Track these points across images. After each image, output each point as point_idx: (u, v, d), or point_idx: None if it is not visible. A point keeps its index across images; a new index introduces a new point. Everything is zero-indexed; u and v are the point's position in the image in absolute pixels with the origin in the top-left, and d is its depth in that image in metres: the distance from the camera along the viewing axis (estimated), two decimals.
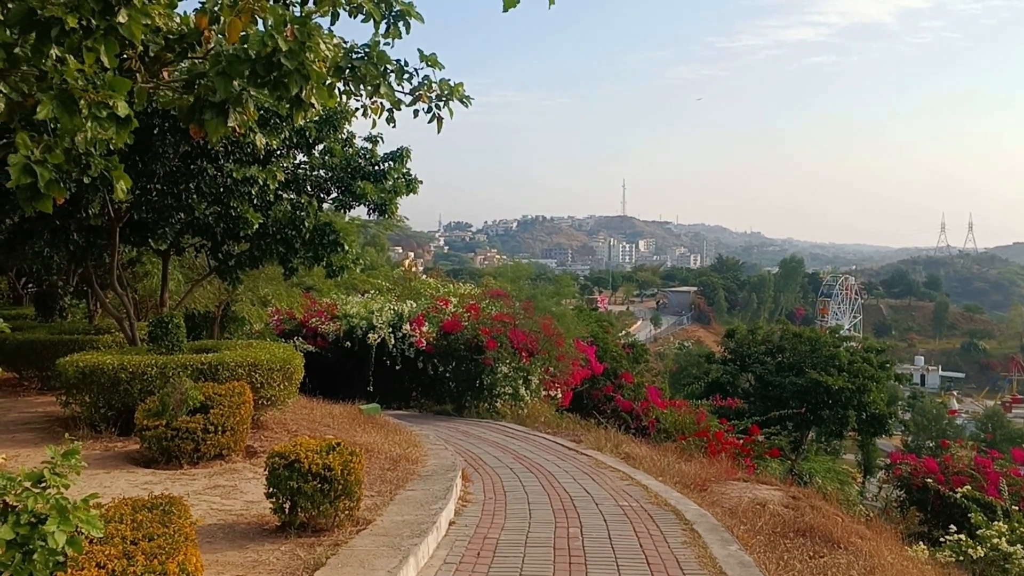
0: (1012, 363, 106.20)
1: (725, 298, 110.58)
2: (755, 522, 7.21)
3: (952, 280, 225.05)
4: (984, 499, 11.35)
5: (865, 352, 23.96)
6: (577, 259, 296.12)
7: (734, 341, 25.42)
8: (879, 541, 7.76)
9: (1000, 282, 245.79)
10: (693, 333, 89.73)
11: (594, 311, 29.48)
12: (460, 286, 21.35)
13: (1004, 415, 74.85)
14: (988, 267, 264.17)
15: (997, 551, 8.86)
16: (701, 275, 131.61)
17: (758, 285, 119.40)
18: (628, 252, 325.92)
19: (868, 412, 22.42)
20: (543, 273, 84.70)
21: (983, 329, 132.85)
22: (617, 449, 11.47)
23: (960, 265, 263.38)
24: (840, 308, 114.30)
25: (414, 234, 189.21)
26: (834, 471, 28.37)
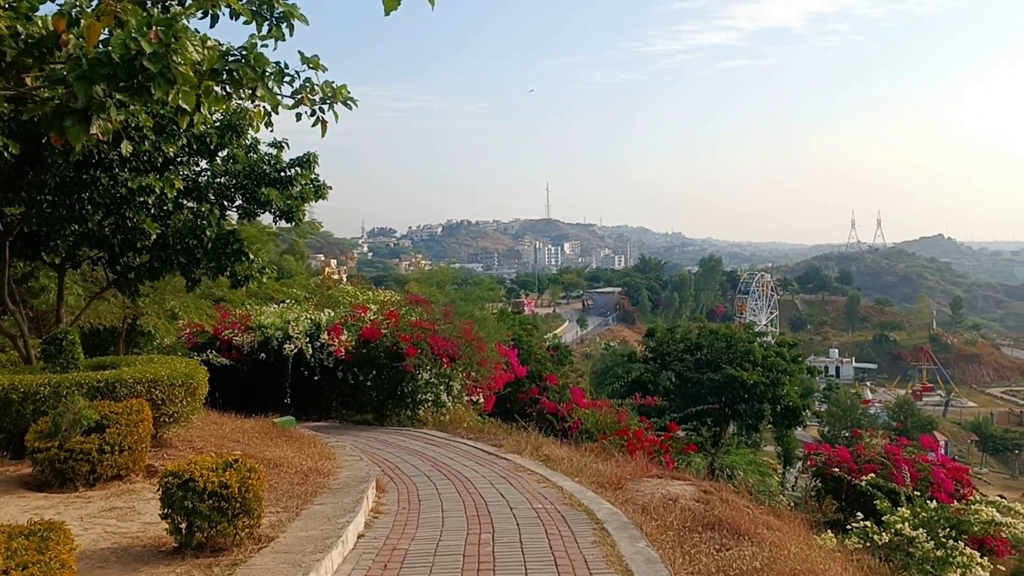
0: (921, 353, 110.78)
1: (649, 298, 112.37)
2: (666, 518, 7.28)
3: (863, 275, 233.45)
4: (888, 486, 11.71)
5: (778, 347, 24.62)
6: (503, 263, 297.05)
7: (654, 340, 25.81)
8: (786, 531, 7.94)
9: (908, 275, 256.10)
10: (619, 333, 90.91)
11: (518, 314, 29.55)
12: (380, 293, 21.12)
13: (914, 403, 78.11)
14: (896, 261, 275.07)
15: (901, 536, 9.13)
16: (625, 276, 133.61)
17: (679, 284, 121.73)
18: (554, 255, 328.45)
19: (782, 405, 23.03)
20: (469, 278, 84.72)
21: (893, 321, 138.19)
22: (537, 452, 11.46)
23: (870, 260, 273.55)
24: (757, 305, 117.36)
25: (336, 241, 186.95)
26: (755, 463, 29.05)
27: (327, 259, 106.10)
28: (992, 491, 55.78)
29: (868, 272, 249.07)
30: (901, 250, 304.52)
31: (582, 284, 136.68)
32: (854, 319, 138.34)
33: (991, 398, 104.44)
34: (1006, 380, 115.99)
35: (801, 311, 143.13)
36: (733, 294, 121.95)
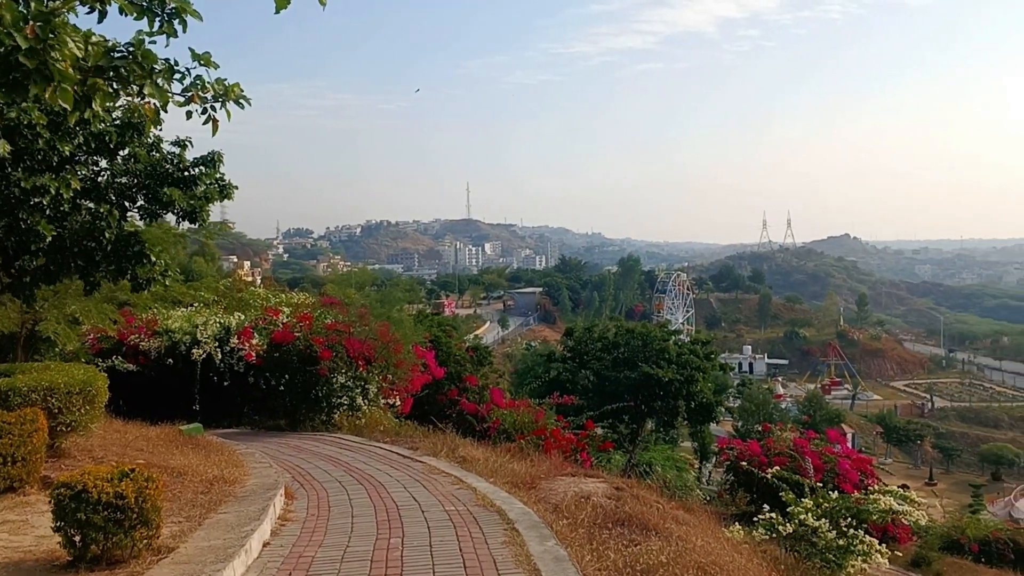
0: (830, 349, 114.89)
1: (569, 297, 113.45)
2: (577, 516, 7.36)
3: (774, 273, 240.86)
4: (792, 478, 12.10)
5: (692, 345, 25.18)
6: (424, 263, 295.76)
7: (573, 339, 26.06)
8: (695, 525, 8.12)
9: (817, 274, 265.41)
10: (540, 333, 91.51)
11: (437, 316, 29.44)
12: (294, 295, 20.75)
13: (823, 397, 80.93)
14: (806, 260, 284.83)
15: (805, 526, 9.44)
16: (546, 276, 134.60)
17: (599, 284, 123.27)
18: (475, 255, 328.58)
19: (696, 401, 23.55)
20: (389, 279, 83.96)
21: (803, 318, 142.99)
22: (453, 453, 11.43)
23: (781, 259, 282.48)
24: (674, 303, 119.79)
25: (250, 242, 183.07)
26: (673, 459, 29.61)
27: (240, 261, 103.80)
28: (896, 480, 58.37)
29: (779, 271, 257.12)
30: (810, 249, 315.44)
31: (503, 284, 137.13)
32: (766, 316, 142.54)
33: (895, 391, 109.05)
34: (908, 374, 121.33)
35: (716, 309, 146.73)
36: (651, 293, 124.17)
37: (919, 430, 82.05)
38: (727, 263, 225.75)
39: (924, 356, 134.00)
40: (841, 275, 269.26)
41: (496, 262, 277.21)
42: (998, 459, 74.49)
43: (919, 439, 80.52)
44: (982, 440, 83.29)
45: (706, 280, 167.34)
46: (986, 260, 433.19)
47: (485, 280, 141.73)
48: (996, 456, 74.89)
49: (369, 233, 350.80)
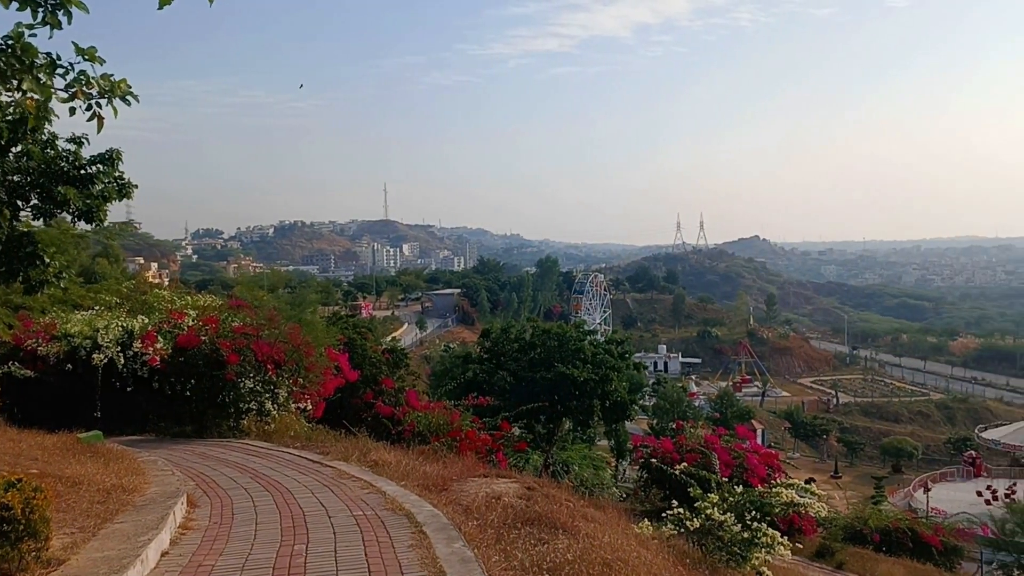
0: (741, 347, 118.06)
1: (488, 299, 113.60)
2: (487, 516, 7.37)
3: (688, 274, 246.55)
4: (699, 473, 12.37)
5: (607, 344, 25.55)
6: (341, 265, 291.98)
7: (489, 340, 26.10)
8: (605, 522, 8.23)
9: (728, 274, 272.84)
10: (458, 334, 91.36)
11: (352, 317, 29.07)
12: (200, 298, 20.16)
13: (734, 395, 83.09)
14: (718, 261, 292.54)
15: (711, 521, 9.65)
16: (464, 277, 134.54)
17: (518, 285, 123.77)
18: (392, 256, 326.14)
19: (611, 400, 23.89)
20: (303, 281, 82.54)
21: (715, 317, 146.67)
22: (365, 457, 11.31)
23: (694, 260, 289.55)
24: (592, 304, 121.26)
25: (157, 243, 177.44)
26: (590, 458, 29.98)
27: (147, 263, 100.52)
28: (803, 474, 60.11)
29: (693, 271, 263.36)
30: (722, 251, 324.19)
31: (421, 286, 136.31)
32: (680, 316, 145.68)
33: (802, 388, 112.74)
34: (815, 371, 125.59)
35: (632, 309, 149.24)
36: (569, 294, 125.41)
37: (825, 425, 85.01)
38: (643, 264, 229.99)
39: (829, 353, 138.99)
40: (751, 276, 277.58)
41: (414, 263, 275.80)
42: (898, 452, 77.78)
43: (825, 434, 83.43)
44: (884, 434, 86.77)
45: (623, 281, 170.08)
46: (887, 261, 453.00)
47: (403, 281, 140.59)
48: (896, 449, 78.17)
49: (283, 234, 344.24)
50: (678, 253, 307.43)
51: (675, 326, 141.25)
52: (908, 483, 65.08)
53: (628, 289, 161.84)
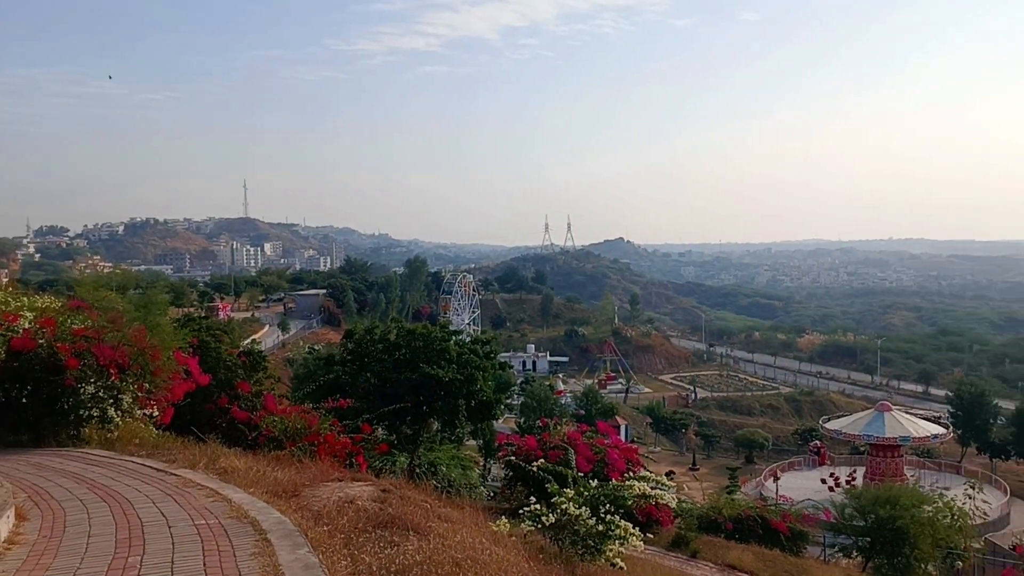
0: (606, 346, 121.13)
1: (355, 299, 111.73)
2: (338, 521, 7.19)
3: (556, 275, 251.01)
4: (556, 469, 12.52)
5: (472, 344, 25.60)
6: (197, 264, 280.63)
7: (353, 341, 25.65)
8: (461, 522, 8.18)
9: (595, 275, 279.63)
10: (324, 336, 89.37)
11: (206, 319, 27.90)
12: (38, 299, 18.83)
13: (599, 392, 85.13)
14: (584, 262, 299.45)
15: (567, 515, 9.78)
16: (330, 277, 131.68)
17: (385, 285, 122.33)
18: (253, 256, 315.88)
19: (477, 399, 23.95)
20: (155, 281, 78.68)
21: (582, 317, 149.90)
22: (213, 465, 10.83)
23: (562, 261, 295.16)
24: (461, 304, 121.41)
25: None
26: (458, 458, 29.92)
27: None
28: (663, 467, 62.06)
29: (560, 272, 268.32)
30: (588, 252, 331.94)
31: (284, 286, 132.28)
32: (548, 316, 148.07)
33: (663, 384, 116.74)
34: (675, 368, 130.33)
35: (501, 309, 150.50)
36: (438, 294, 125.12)
37: (684, 419, 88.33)
38: (512, 265, 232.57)
39: (688, 351, 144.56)
40: (616, 276, 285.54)
41: (277, 263, 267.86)
42: (751, 443, 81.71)
43: (684, 428, 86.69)
44: (738, 426, 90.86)
45: (492, 281, 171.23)
46: (741, 263, 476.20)
47: (264, 282, 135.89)
48: (749, 441, 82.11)
49: (134, 232, 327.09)
50: (546, 254, 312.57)
51: (543, 326, 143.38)
52: (760, 473, 68.47)
53: (497, 289, 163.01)
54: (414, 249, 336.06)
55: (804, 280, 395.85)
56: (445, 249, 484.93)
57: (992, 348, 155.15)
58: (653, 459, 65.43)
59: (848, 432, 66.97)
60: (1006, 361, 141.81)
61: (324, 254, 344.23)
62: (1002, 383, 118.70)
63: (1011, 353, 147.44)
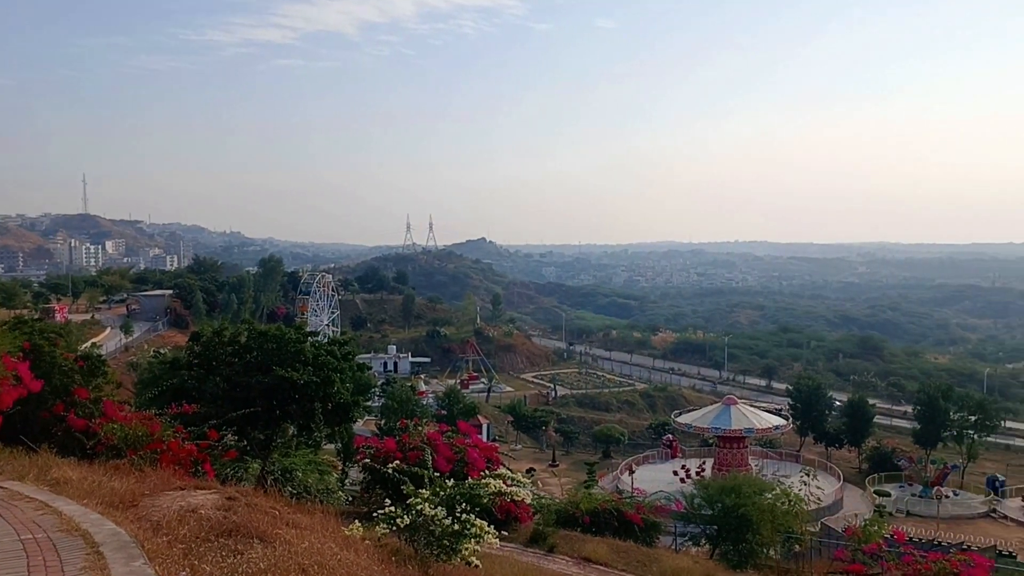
0: (468, 346, 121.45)
1: (204, 300, 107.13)
2: (179, 531, 6.86)
3: (418, 275, 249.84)
4: (411, 469, 12.43)
5: (329, 346, 24.96)
6: (31, 263, 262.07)
7: (200, 344, 24.47)
8: (311, 527, 7.97)
9: (457, 275, 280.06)
10: (171, 339, 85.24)
11: (39, 321, 26.03)
12: None
13: (461, 392, 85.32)
14: (447, 263, 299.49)
15: (422, 516, 9.69)
16: (178, 277, 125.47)
17: (238, 286, 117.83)
18: (93, 254, 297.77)
19: (334, 402, 23.35)
20: None
21: (444, 317, 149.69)
22: (44, 476, 10.13)
23: (424, 261, 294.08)
24: (319, 305, 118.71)
25: None
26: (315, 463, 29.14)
27: None
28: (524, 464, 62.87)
29: (422, 272, 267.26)
30: (451, 252, 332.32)
31: (127, 286, 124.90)
32: (410, 316, 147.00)
33: (525, 382, 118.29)
34: (536, 366, 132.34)
35: (362, 310, 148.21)
36: (295, 295, 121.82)
37: (544, 417, 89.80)
38: (373, 264, 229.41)
39: (549, 349, 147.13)
40: (478, 276, 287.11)
41: (120, 262, 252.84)
42: (608, 438, 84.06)
43: (544, 425, 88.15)
44: (596, 422, 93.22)
45: (352, 281, 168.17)
46: (599, 263, 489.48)
47: (105, 281, 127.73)
48: (607, 436, 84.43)
49: None
50: (408, 254, 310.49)
51: (405, 326, 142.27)
52: (617, 467, 70.55)
53: (357, 290, 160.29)
54: (269, 248, 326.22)
55: (658, 280, 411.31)
56: (303, 248, 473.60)
57: (827, 344, 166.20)
58: (514, 457, 66.32)
59: (698, 425, 70.04)
60: (840, 356, 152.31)
61: (171, 253, 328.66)
62: (836, 376, 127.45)
63: (844, 348, 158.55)
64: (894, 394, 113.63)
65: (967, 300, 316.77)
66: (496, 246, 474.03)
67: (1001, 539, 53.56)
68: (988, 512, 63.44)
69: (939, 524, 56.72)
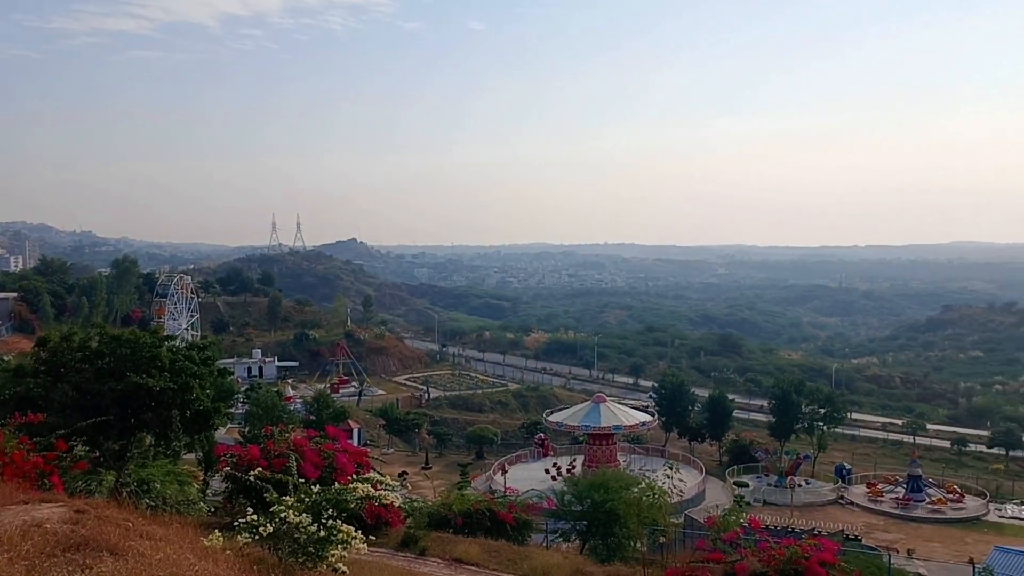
0: (338, 348, 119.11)
1: (52, 303, 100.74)
2: (21, 547, 6.41)
3: (284, 276, 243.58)
4: (275, 476, 12.10)
5: (188, 350, 23.90)
6: None
7: (47, 350, 22.96)
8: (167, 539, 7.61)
9: (326, 276, 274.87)
10: (14, 345, 79.78)
11: None
12: None
13: (331, 396, 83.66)
14: (315, 263, 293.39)
15: (286, 523, 9.42)
16: (23, 279, 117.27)
17: (89, 288, 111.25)
18: None
19: (193, 409, 22.42)
20: None
21: (312, 320, 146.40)
22: None
23: (291, 262, 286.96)
24: (177, 308, 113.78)
25: None
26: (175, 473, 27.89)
27: None
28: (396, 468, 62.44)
29: (289, 273, 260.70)
30: (320, 253, 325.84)
31: None
32: (276, 319, 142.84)
33: (397, 385, 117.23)
34: (409, 368, 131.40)
35: (224, 313, 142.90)
36: (151, 297, 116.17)
37: (417, 419, 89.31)
38: (236, 265, 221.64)
39: (422, 351, 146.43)
40: (349, 277, 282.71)
41: None
42: (481, 439, 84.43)
43: (417, 428, 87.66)
44: (469, 423, 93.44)
45: (213, 283, 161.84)
46: (472, 264, 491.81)
47: None
48: (480, 437, 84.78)
49: None
50: (274, 254, 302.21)
51: (271, 329, 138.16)
52: (489, 467, 70.93)
53: (219, 292, 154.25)
54: (123, 248, 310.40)
55: (530, 281, 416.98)
56: (160, 248, 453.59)
57: (690, 342, 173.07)
58: (385, 461, 65.49)
59: (568, 424, 71.39)
60: (701, 353, 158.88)
61: (15, 253, 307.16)
62: (698, 373, 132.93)
63: (706, 346, 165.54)
64: (751, 389, 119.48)
65: (816, 299, 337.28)
66: (367, 247, 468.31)
67: (848, 523, 57.26)
68: (837, 499, 67.63)
69: (792, 511, 59.95)
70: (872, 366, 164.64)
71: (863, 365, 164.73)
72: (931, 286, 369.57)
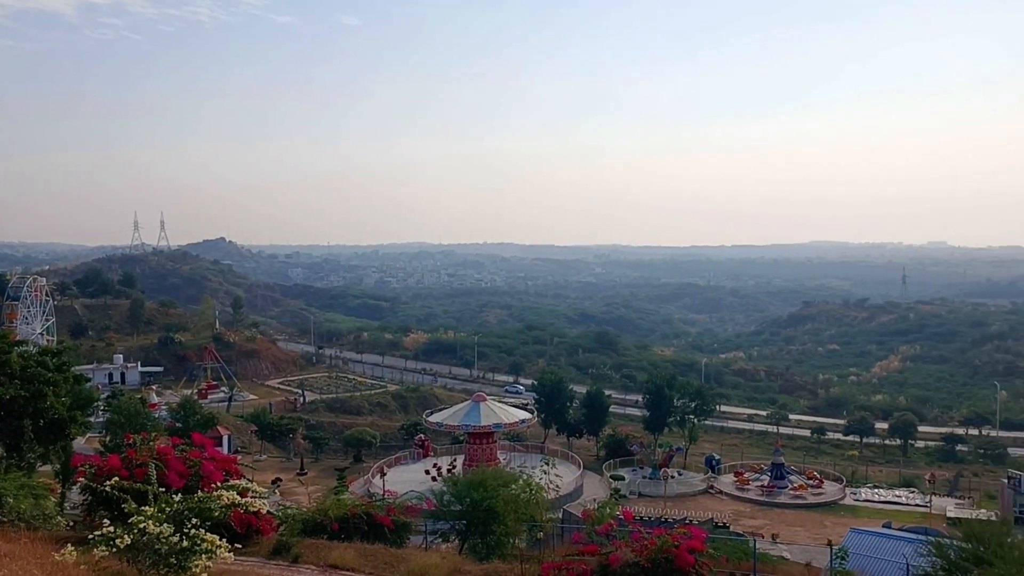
0: (206, 352, 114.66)
1: None
2: None
3: (148, 277, 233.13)
4: (134, 487, 11.47)
5: (41, 356, 22.38)
6: None
7: None
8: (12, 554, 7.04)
9: (193, 277, 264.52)
10: None
11: None
12: None
13: (198, 402, 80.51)
14: (181, 264, 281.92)
15: (146, 534, 8.92)
16: None
17: None
18: None
19: (47, 418, 21.05)
20: None
21: (178, 322, 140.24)
22: None
23: (155, 262, 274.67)
24: (31, 312, 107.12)
25: None
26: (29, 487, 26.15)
27: None
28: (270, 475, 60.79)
29: (153, 274, 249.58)
30: (186, 252, 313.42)
31: None
32: (139, 322, 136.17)
33: (270, 389, 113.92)
34: (282, 372, 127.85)
35: (82, 316, 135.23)
36: (2, 300, 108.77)
37: (291, 424, 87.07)
38: (95, 266, 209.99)
39: (297, 354, 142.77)
40: (217, 278, 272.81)
41: None
42: (359, 442, 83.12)
43: (292, 433, 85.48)
44: (347, 427, 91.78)
45: (70, 285, 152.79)
46: (350, 264, 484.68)
47: None
48: (358, 440, 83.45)
49: None
50: (136, 254, 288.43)
51: (134, 333, 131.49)
52: (368, 470, 69.95)
53: (76, 294, 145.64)
54: None
55: (410, 281, 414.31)
56: (11, 248, 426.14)
57: (568, 340, 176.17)
58: (257, 468, 63.44)
59: (448, 423, 71.30)
60: (579, 351, 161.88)
61: None
62: (577, 370, 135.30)
63: (583, 344, 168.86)
64: (627, 385, 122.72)
65: (687, 297, 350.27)
66: (237, 246, 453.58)
67: (717, 512, 59.65)
68: (707, 489, 70.39)
69: (666, 502, 61.96)
70: (739, 360, 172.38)
71: (730, 360, 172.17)
72: (792, 284, 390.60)
